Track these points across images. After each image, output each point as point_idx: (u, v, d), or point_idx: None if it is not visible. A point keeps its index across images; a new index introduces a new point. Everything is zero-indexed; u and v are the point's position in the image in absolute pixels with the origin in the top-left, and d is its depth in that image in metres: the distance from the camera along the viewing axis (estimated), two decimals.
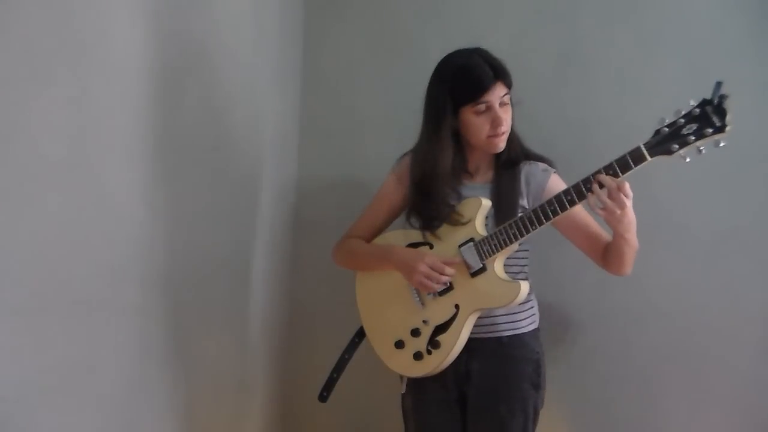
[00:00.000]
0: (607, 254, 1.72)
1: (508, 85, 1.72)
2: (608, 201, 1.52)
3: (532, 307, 1.84)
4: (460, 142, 1.80)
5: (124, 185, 1.44)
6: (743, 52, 2.00)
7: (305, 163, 2.37)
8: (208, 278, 1.81)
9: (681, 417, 2.04)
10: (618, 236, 1.63)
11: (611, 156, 1.57)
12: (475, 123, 1.72)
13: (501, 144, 1.75)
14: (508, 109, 1.74)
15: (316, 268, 2.31)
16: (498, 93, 1.70)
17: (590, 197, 1.55)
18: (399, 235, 1.86)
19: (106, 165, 1.38)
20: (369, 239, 1.91)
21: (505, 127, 1.73)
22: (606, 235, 1.74)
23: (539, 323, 1.86)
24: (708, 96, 1.45)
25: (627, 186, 1.53)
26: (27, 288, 1.19)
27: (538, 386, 1.79)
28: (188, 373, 1.74)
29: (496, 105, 1.70)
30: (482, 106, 1.70)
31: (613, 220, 1.57)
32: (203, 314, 1.80)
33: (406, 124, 1.87)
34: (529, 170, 1.80)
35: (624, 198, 1.52)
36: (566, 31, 2.13)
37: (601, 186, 1.53)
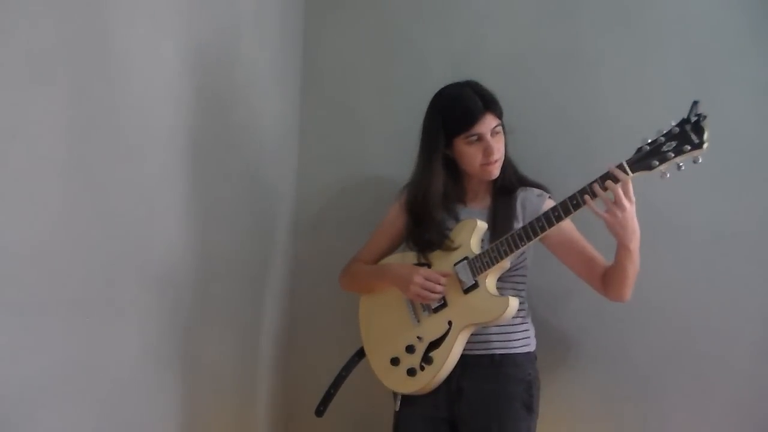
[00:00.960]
0: (608, 275, 1.74)
1: (499, 116, 1.79)
2: (612, 205, 1.57)
3: (526, 330, 1.86)
4: (458, 170, 1.86)
5: (124, 185, 1.44)
6: (743, 52, 2.00)
7: (305, 163, 2.36)
8: (207, 279, 1.81)
9: (681, 417, 2.04)
10: (622, 248, 1.64)
11: (611, 157, 1.59)
12: (468, 152, 1.79)
13: (495, 171, 1.81)
14: (501, 137, 1.81)
15: (316, 269, 2.31)
16: (488, 124, 1.76)
17: (592, 201, 1.58)
18: (397, 259, 1.93)
19: (106, 165, 1.38)
20: (374, 263, 1.97)
21: (498, 155, 1.79)
22: (603, 259, 1.77)
23: (536, 349, 1.88)
24: (685, 115, 1.51)
25: (630, 186, 1.57)
26: (27, 288, 1.19)
27: (530, 408, 1.80)
28: (188, 374, 1.74)
29: (487, 135, 1.77)
30: (474, 137, 1.76)
31: (616, 225, 1.59)
32: (203, 315, 1.80)
33: (406, 125, 1.88)
34: (525, 196, 1.86)
35: (626, 201, 1.56)
36: (566, 31, 2.13)
37: (605, 189, 1.57)
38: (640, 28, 2.07)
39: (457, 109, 1.78)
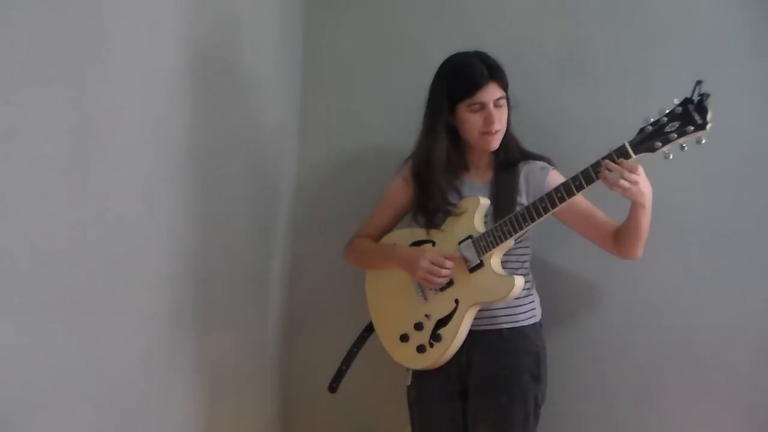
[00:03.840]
0: (621, 234, 1.75)
1: (504, 87, 1.79)
2: (622, 181, 1.57)
3: (532, 302, 1.88)
4: (461, 141, 1.86)
5: (124, 185, 1.44)
6: (743, 52, 2.00)
7: (305, 163, 2.37)
8: (207, 278, 1.81)
9: (681, 416, 2.04)
10: (638, 206, 1.65)
11: None
12: (469, 120, 1.79)
13: (494, 142, 1.81)
14: (504, 110, 1.81)
15: (316, 268, 2.31)
16: (492, 93, 1.76)
17: (605, 179, 1.58)
18: (405, 234, 1.94)
19: (106, 165, 1.38)
20: (377, 239, 1.98)
21: (498, 126, 1.79)
22: (611, 220, 1.78)
23: (542, 318, 1.88)
24: (689, 94, 1.50)
25: (633, 164, 1.57)
26: (27, 288, 1.19)
27: (538, 379, 1.83)
28: (188, 372, 1.74)
29: (490, 104, 1.77)
30: (476, 105, 1.77)
31: (631, 195, 1.60)
32: (203, 314, 1.80)
33: (406, 124, 1.88)
34: (528, 169, 1.86)
35: (633, 176, 1.56)
36: (566, 31, 2.13)
37: (610, 170, 1.57)
38: (640, 27, 2.08)
39: (462, 75, 1.79)
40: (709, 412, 2.02)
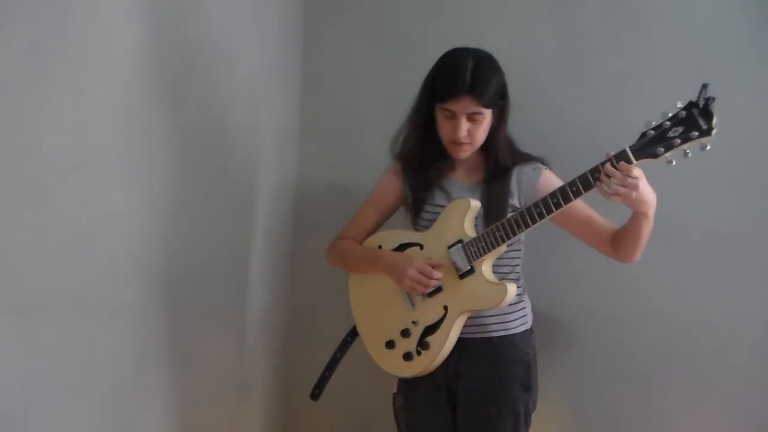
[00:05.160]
0: (620, 238, 1.69)
1: (484, 104, 1.69)
2: (620, 188, 1.50)
3: (523, 308, 1.84)
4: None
5: (124, 185, 1.44)
6: (743, 52, 2.00)
7: (305, 163, 2.37)
8: (207, 278, 1.81)
9: (681, 417, 2.04)
10: (641, 215, 1.59)
11: None
12: (440, 124, 1.76)
13: (461, 154, 1.76)
14: (479, 125, 1.72)
15: (315, 268, 2.31)
16: (464, 106, 1.68)
17: (601, 188, 1.52)
18: (391, 235, 1.87)
19: (106, 165, 1.38)
20: (362, 239, 1.92)
21: (466, 140, 1.72)
22: (608, 223, 1.73)
23: (533, 324, 1.86)
24: (694, 98, 1.44)
25: (632, 169, 1.49)
26: (27, 288, 1.19)
27: (528, 387, 1.78)
28: (187, 373, 1.74)
29: (461, 116, 1.69)
30: (448, 112, 1.71)
31: (632, 203, 1.54)
32: (202, 314, 1.80)
33: None
34: (520, 170, 1.80)
35: (633, 180, 1.50)
36: (567, 31, 2.13)
37: (609, 176, 1.51)
38: (640, 27, 2.07)
39: (443, 76, 1.72)
40: (709, 412, 2.02)
